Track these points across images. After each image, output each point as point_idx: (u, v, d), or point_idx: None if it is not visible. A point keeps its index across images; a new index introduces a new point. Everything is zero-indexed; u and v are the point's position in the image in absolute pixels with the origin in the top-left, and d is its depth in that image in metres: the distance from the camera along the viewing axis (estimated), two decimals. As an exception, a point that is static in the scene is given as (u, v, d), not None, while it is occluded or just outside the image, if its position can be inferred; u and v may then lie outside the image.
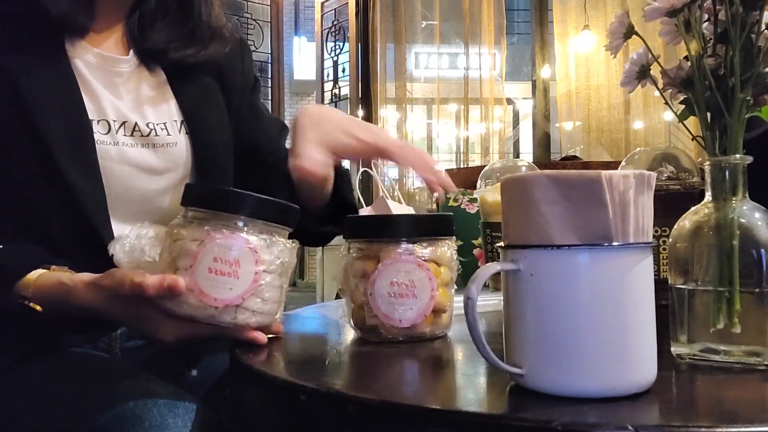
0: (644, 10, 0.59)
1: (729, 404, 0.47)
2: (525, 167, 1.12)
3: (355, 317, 0.70)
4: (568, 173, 0.46)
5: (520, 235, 0.48)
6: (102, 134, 0.83)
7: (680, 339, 0.56)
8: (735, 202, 0.55)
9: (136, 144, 0.85)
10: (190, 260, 0.64)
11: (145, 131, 0.86)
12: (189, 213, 0.67)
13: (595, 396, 0.45)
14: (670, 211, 0.62)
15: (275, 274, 0.67)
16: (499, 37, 4.65)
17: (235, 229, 0.65)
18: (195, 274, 0.63)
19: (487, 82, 4.64)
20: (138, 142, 0.86)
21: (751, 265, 0.53)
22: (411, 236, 0.68)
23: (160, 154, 0.87)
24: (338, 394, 0.49)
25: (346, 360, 0.66)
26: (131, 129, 0.85)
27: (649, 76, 0.61)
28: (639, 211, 0.46)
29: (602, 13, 4.45)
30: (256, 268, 0.65)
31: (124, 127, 0.85)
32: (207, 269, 0.63)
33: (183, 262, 0.64)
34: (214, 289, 0.63)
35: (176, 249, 0.65)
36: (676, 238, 0.57)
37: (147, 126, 0.87)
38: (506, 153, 5.89)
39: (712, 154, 0.56)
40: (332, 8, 5.24)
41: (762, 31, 0.55)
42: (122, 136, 0.84)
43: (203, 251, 0.63)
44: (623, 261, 0.46)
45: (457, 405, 0.48)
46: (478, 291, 0.47)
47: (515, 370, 0.47)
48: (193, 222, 0.66)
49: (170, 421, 0.63)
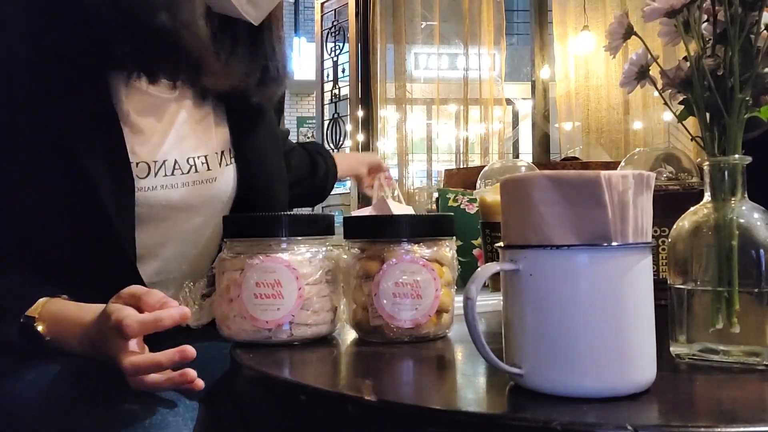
0: (643, 10, 0.59)
1: (728, 404, 0.47)
2: (524, 168, 1.12)
3: (357, 318, 0.70)
4: (567, 173, 0.46)
5: (520, 236, 0.48)
6: (140, 179, 0.80)
7: (679, 339, 0.56)
8: (734, 202, 0.55)
9: (177, 184, 0.83)
10: (236, 289, 0.68)
11: (185, 168, 0.85)
12: (229, 244, 0.71)
13: (595, 396, 0.45)
14: (670, 211, 0.62)
15: (321, 285, 0.70)
16: (499, 38, 4.64)
17: (270, 251, 0.68)
18: (243, 301, 0.67)
19: (486, 83, 4.63)
20: (178, 182, 0.84)
21: (750, 265, 0.53)
22: (413, 236, 0.69)
23: (198, 191, 0.86)
24: (338, 394, 0.49)
25: (346, 360, 0.66)
26: (171, 168, 0.83)
27: (649, 77, 0.62)
28: (638, 211, 0.47)
29: (601, 13, 4.45)
30: (299, 284, 0.67)
31: (164, 167, 0.82)
32: (252, 295, 0.67)
33: (232, 293, 0.68)
34: (263, 313, 0.67)
35: (223, 281, 0.70)
36: (675, 239, 0.57)
37: (187, 162, 0.85)
38: (506, 153, 5.88)
39: (711, 154, 0.56)
40: (332, 9, 5.23)
41: (761, 31, 0.55)
42: (162, 178, 0.82)
43: (245, 279, 0.67)
44: (622, 261, 0.46)
45: (456, 405, 0.48)
46: (478, 291, 0.47)
47: (515, 370, 0.47)
48: (234, 252, 0.70)
49: (171, 420, 0.63)
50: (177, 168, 0.84)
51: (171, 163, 0.83)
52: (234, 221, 0.74)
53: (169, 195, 0.83)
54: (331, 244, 0.73)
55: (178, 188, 0.84)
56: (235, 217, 0.77)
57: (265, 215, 0.71)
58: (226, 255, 0.71)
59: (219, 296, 0.71)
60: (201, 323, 0.74)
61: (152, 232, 0.83)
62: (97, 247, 0.79)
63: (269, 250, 0.68)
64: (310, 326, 0.68)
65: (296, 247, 0.69)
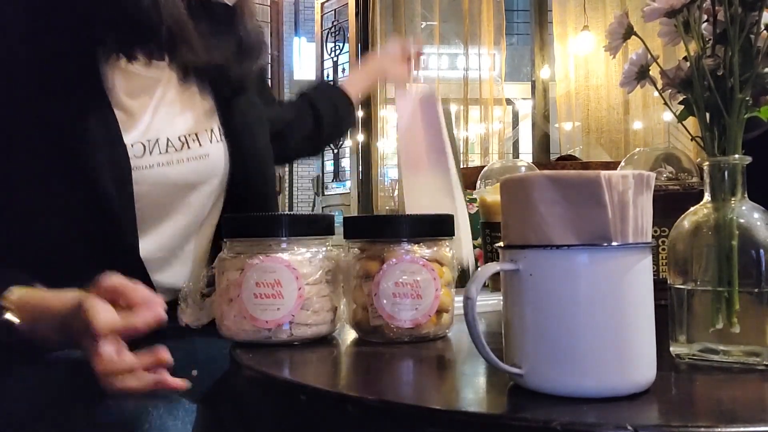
0: (643, 10, 0.59)
1: (728, 404, 0.47)
2: (524, 168, 1.12)
3: (357, 318, 0.70)
4: (568, 173, 0.46)
5: (520, 236, 0.48)
6: (137, 158, 0.82)
7: (679, 339, 0.56)
8: (734, 202, 0.55)
9: (172, 161, 0.85)
10: (236, 289, 0.68)
11: (178, 145, 0.86)
12: (229, 244, 0.71)
13: (595, 396, 0.45)
14: (670, 211, 0.62)
15: (321, 284, 0.69)
16: (499, 38, 4.64)
17: (270, 251, 0.68)
18: (242, 301, 0.67)
19: (486, 83, 4.63)
20: (173, 159, 0.85)
21: (750, 265, 0.53)
22: (413, 236, 0.69)
23: (193, 167, 0.87)
24: (338, 394, 0.49)
25: (346, 360, 0.66)
26: (165, 146, 0.85)
27: (649, 77, 0.62)
28: (638, 211, 0.46)
29: (601, 13, 4.45)
30: (299, 283, 0.67)
31: (158, 145, 0.84)
32: (252, 295, 0.67)
33: (232, 292, 0.68)
34: (263, 312, 0.67)
35: (223, 281, 0.70)
36: (675, 239, 0.57)
37: (179, 140, 0.86)
38: (506, 153, 5.89)
39: (711, 154, 0.56)
40: (332, 9, 5.23)
41: (761, 31, 0.55)
42: (157, 156, 0.84)
43: (245, 279, 0.67)
44: (622, 261, 0.46)
45: (456, 405, 0.48)
46: (478, 291, 0.47)
47: (515, 370, 0.47)
48: (234, 252, 0.70)
49: (170, 424, 0.63)
50: (170, 146, 0.85)
51: (164, 141, 0.85)
52: (234, 221, 0.74)
53: (166, 172, 0.84)
54: (332, 244, 0.73)
55: (174, 165, 0.85)
56: (234, 217, 0.77)
57: (265, 215, 0.71)
58: (226, 255, 0.70)
59: (219, 296, 0.71)
60: (201, 323, 0.74)
61: (152, 210, 0.84)
62: (98, 229, 0.79)
63: (269, 250, 0.68)
64: (310, 326, 0.68)
65: (296, 247, 0.69)
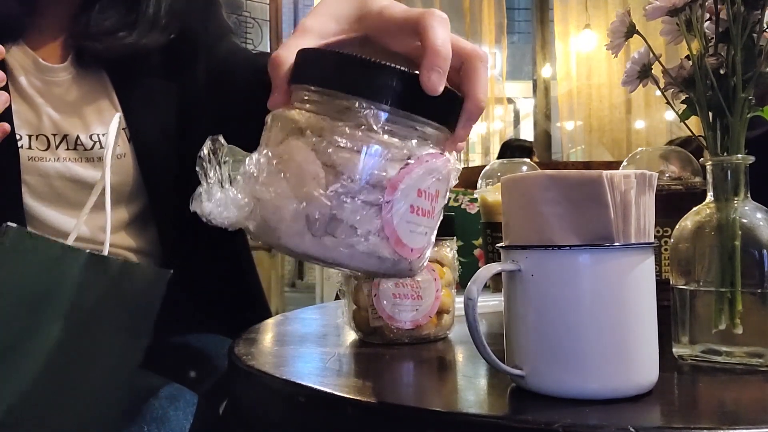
0: (645, 9, 0.59)
1: (731, 405, 0.47)
2: (525, 167, 1.11)
3: (357, 319, 0.70)
4: (569, 173, 0.46)
5: (521, 236, 0.48)
6: (41, 150, 0.79)
7: (682, 340, 0.56)
8: (737, 202, 0.55)
9: (80, 158, 0.81)
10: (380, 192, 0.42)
11: (88, 144, 0.81)
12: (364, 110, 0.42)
13: (597, 397, 0.45)
14: (672, 211, 0.62)
15: None
16: (500, 36, 4.64)
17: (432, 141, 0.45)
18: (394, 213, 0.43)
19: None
20: (82, 157, 0.81)
21: (753, 266, 0.53)
22: None
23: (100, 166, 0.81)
24: (337, 395, 0.49)
25: (346, 361, 0.66)
26: (73, 143, 0.81)
27: (651, 76, 0.61)
28: (640, 211, 0.46)
29: (603, 12, 4.45)
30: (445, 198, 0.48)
31: (66, 141, 0.80)
32: (409, 208, 0.43)
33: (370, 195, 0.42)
34: (411, 236, 0.44)
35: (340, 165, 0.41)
36: (677, 239, 0.57)
37: (90, 138, 0.82)
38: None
39: (713, 153, 0.56)
40: (333, 8, 5.23)
41: (764, 30, 0.55)
42: (64, 151, 0.80)
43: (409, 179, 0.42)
44: (625, 261, 0.46)
45: (457, 407, 0.48)
46: (479, 292, 0.46)
47: (516, 372, 0.47)
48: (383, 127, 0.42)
49: (171, 414, 0.63)
50: (79, 144, 0.81)
51: (73, 138, 0.81)
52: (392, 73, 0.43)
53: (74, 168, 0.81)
54: None
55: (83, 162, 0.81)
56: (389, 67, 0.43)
57: None
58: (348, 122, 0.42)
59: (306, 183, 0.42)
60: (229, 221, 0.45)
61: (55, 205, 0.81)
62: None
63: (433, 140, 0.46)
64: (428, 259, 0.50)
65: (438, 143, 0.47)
